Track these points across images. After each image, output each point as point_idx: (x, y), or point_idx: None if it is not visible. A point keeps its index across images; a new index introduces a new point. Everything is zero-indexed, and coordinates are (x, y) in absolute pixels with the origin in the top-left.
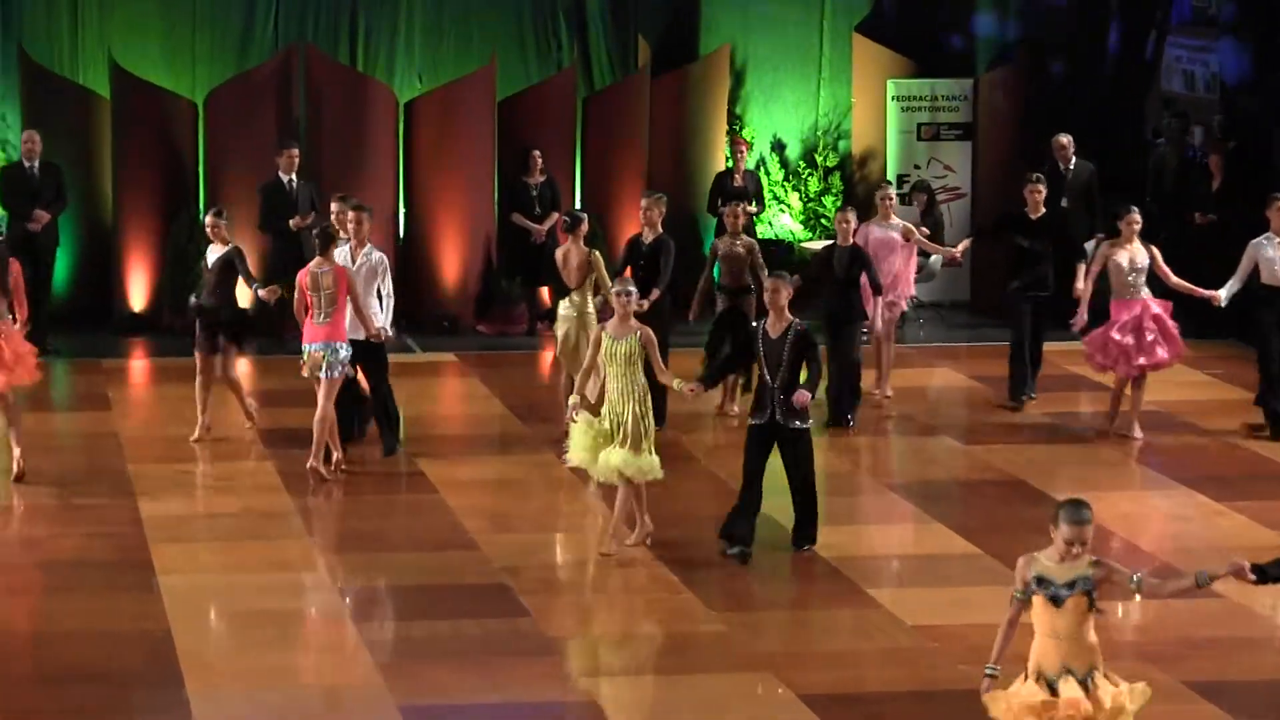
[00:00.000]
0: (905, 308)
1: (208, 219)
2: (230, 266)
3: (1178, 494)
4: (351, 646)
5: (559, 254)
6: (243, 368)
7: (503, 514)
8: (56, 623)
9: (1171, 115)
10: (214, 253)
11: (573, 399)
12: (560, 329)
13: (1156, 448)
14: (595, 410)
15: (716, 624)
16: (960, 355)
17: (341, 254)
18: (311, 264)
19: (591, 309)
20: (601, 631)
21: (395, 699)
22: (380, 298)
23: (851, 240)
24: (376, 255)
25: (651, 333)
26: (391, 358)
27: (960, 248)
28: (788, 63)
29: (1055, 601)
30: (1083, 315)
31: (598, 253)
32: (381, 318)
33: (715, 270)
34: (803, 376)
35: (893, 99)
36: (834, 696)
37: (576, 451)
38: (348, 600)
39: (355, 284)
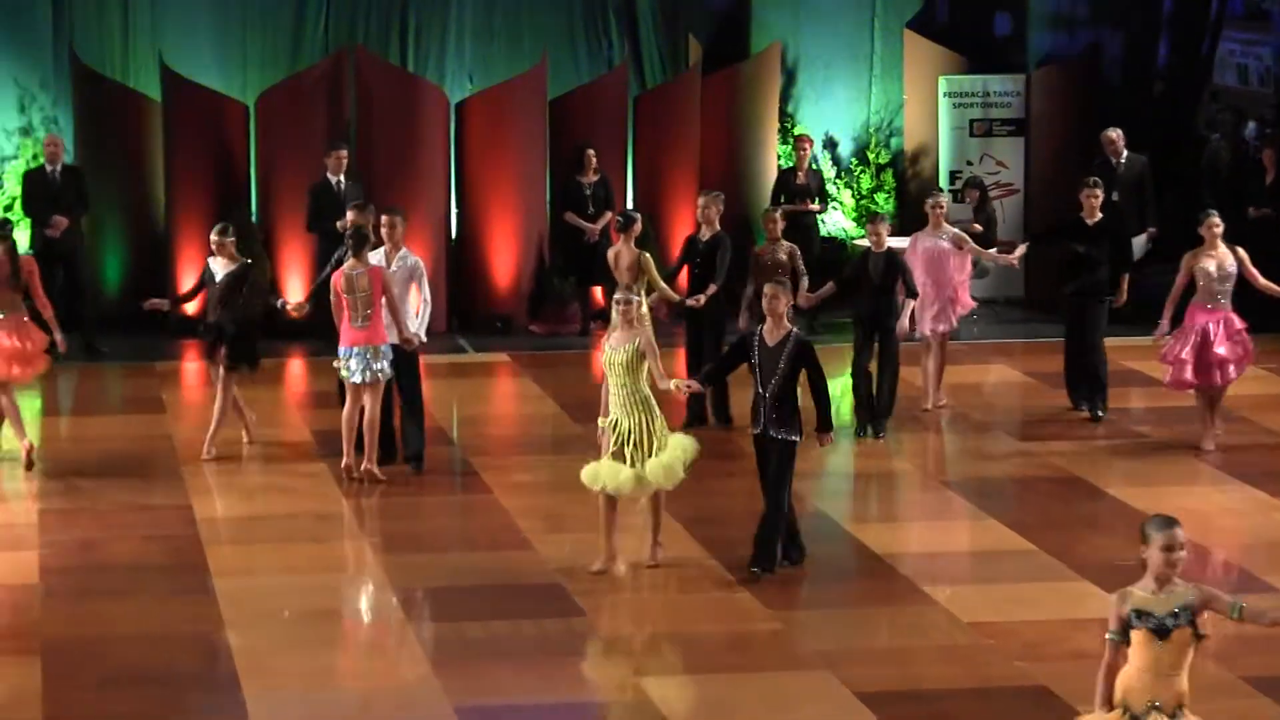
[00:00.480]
0: (955, 324)
1: (213, 235)
2: (239, 283)
3: (1235, 489)
4: (407, 647)
5: (611, 254)
6: (295, 369)
7: (557, 514)
8: (113, 626)
9: (1219, 109)
10: (220, 268)
11: (601, 422)
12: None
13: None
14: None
15: (773, 622)
16: (1015, 351)
17: (376, 258)
18: (346, 266)
19: (645, 310)
20: (657, 631)
21: (450, 699)
22: (420, 302)
23: (885, 246)
24: (412, 260)
25: (651, 339)
26: (444, 358)
27: (1015, 255)
28: (839, 60)
29: (1160, 634)
30: (1165, 325)
31: (648, 255)
32: (415, 323)
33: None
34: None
35: (944, 95)
36: (891, 694)
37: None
38: (403, 601)
39: (391, 285)
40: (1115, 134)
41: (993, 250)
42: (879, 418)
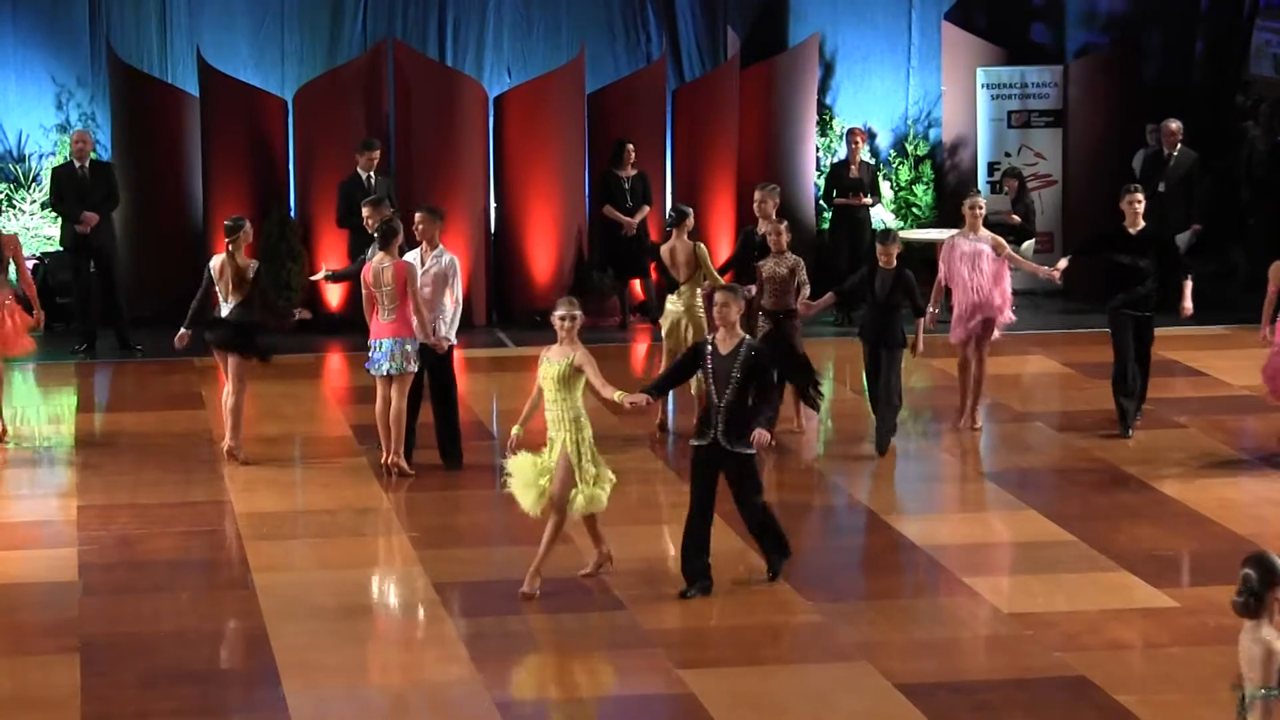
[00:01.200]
0: (998, 333)
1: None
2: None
3: (1272, 478)
4: (447, 642)
5: (665, 249)
6: (334, 364)
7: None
8: (155, 622)
9: (1251, 100)
10: (246, 264)
11: (515, 430)
12: (666, 322)
13: (1249, 431)
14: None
15: (813, 614)
16: (1054, 342)
17: (413, 257)
18: (374, 260)
19: (699, 302)
20: (697, 623)
21: (491, 694)
22: (450, 303)
23: (895, 264)
24: (447, 258)
25: (588, 353)
26: (483, 352)
27: (1058, 268)
28: (877, 52)
29: None
30: (1265, 333)
31: (703, 246)
32: (445, 326)
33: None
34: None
35: (982, 86)
36: (932, 685)
37: (515, 485)
38: (443, 595)
39: (415, 280)
40: (1176, 125)
41: (1032, 261)
42: (883, 438)
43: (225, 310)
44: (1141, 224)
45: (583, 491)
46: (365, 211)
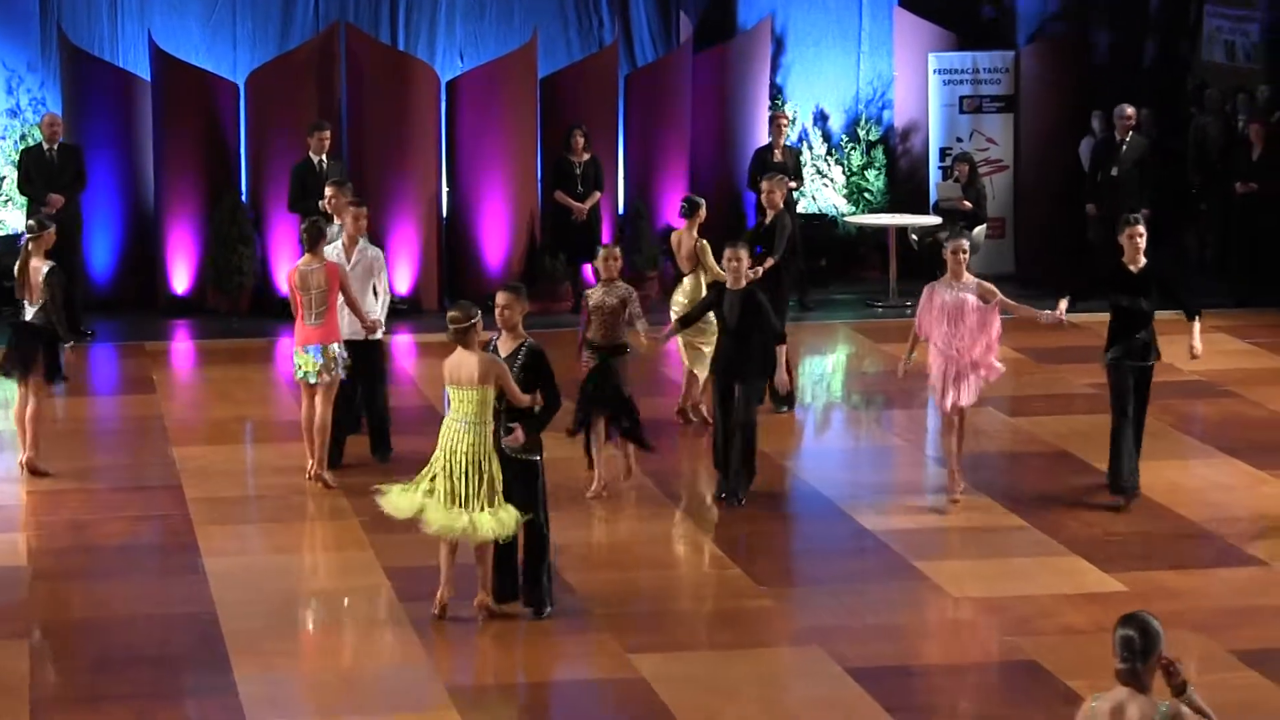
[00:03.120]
0: (977, 396)
1: (27, 233)
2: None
3: (1221, 463)
4: (398, 626)
5: (674, 238)
6: (286, 349)
7: (549, 490)
8: (106, 607)
9: (1198, 85)
10: (40, 266)
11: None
12: (674, 313)
13: (1199, 416)
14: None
15: (764, 599)
16: (1004, 326)
17: (335, 248)
18: (300, 261)
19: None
20: (648, 608)
21: (442, 678)
22: (376, 294)
23: (745, 283)
24: (372, 251)
25: (505, 368)
26: (435, 337)
27: (1059, 311)
28: (828, 36)
29: None
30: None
31: (705, 243)
32: (377, 312)
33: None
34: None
35: (934, 72)
36: (883, 669)
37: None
38: (393, 579)
39: (348, 280)
40: (1131, 110)
41: (1026, 306)
42: (735, 488)
43: (29, 314)
44: (1143, 261)
45: (491, 520)
46: (329, 191)
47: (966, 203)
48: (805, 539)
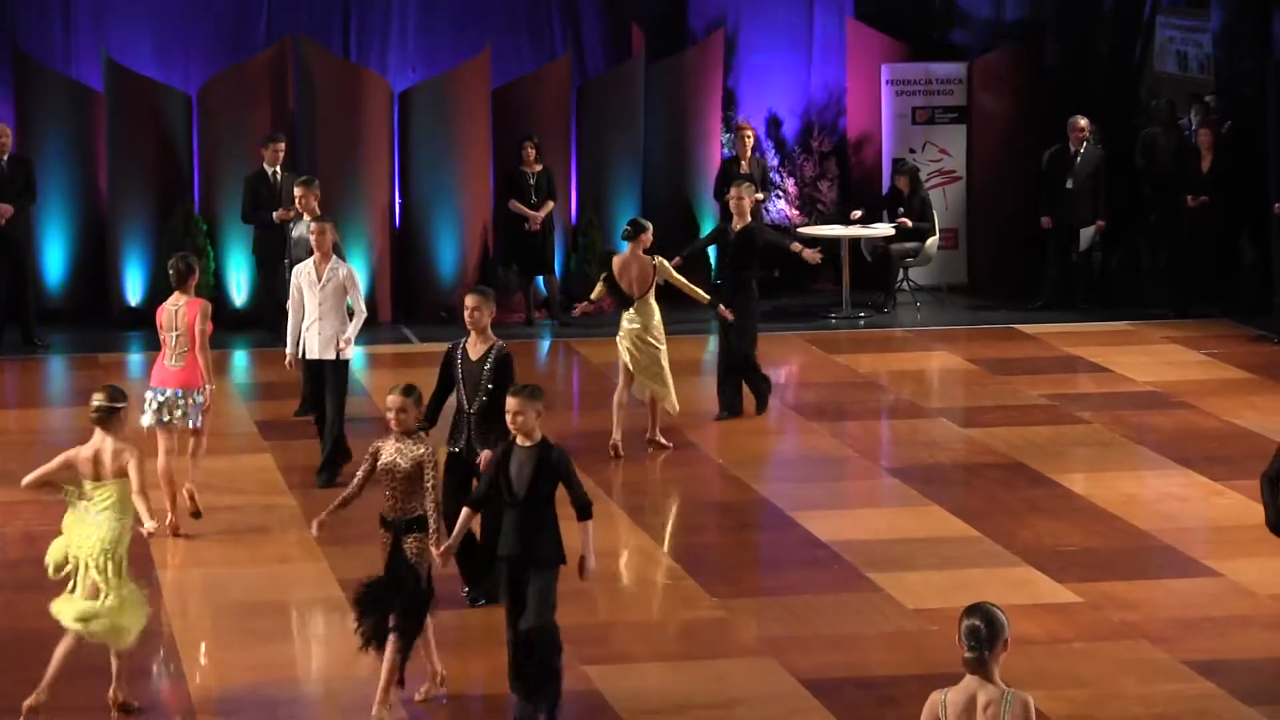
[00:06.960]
0: None
1: None
2: None
3: (1175, 474)
4: (352, 638)
5: (617, 262)
6: (240, 360)
7: None
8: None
9: (1157, 96)
10: None
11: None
12: (623, 344)
13: (1152, 427)
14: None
15: (717, 610)
16: (958, 338)
17: (306, 266)
18: (169, 299)
19: (657, 320)
20: (602, 619)
21: (400, 691)
22: (350, 314)
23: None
24: (344, 269)
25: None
26: (388, 348)
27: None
28: (780, 46)
29: None
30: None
31: (663, 260)
32: (349, 331)
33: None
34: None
35: (887, 83)
36: (836, 680)
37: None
38: (347, 591)
39: (202, 323)
40: (1084, 122)
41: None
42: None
43: None
44: None
45: (111, 626)
46: (297, 193)
47: (906, 220)
48: (757, 549)
